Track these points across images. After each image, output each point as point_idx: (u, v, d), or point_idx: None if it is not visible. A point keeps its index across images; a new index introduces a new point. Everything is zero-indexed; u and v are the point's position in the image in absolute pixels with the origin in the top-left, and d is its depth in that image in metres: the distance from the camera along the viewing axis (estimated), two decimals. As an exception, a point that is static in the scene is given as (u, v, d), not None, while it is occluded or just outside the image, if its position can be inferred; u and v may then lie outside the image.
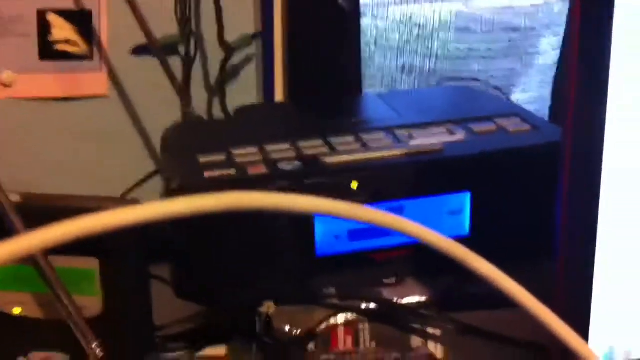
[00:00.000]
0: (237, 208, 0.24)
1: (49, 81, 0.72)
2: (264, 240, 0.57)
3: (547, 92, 0.90)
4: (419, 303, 0.58)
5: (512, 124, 0.64)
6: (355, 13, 0.80)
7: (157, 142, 0.77)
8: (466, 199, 0.59)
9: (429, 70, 0.85)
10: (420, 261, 0.60)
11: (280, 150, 0.59)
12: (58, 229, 0.22)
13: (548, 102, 0.90)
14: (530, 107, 0.81)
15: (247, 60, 0.80)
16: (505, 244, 0.56)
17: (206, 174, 0.56)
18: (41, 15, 0.70)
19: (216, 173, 0.56)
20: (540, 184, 0.60)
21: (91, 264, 0.53)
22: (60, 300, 0.50)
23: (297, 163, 0.58)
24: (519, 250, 0.57)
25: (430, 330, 0.57)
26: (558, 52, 0.89)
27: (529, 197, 0.60)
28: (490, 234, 0.59)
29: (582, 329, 0.47)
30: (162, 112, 0.77)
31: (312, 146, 0.60)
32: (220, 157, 0.59)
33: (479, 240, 0.60)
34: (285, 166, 0.58)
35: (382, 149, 0.60)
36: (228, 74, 0.78)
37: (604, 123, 0.43)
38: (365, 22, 0.81)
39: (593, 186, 0.44)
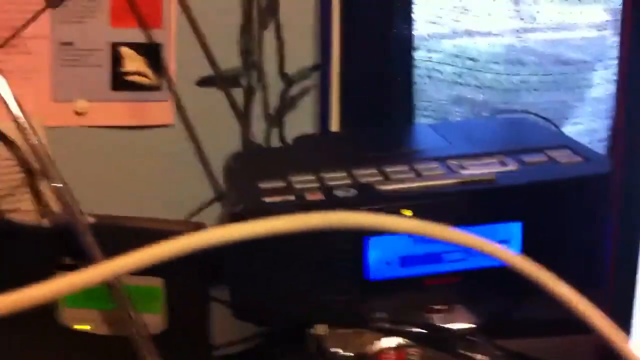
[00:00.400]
0: (340, 226, 0.27)
1: (120, 110, 0.76)
2: (318, 264, 0.59)
3: (598, 124, 0.90)
4: (467, 329, 0.59)
5: (563, 155, 0.65)
6: (408, 46, 0.82)
7: (218, 168, 0.80)
8: (517, 228, 0.61)
9: (480, 102, 0.86)
10: (470, 288, 0.61)
11: (336, 177, 0.62)
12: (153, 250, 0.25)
13: (599, 134, 0.91)
14: (581, 140, 0.82)
15: (305, 91, 0.83)
16: (554, 273, 0.57)
17: (267, 199, 0.59)
18: (114, 47, 0.75)
19: (277, 199, 0.59)
20: (590, 214, 0.61)
21: (156, 283, 0.56)
22: (129, 317, 0.54)
23: (352, 190, 0.60)
24: (567, 280, 0.58)
25: (478, 357, 0.58)
26: (610, 84, 0.90)
27: (579, 228, 0.61)
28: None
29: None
30: (223, 140, 0.80)
31: (367, 174, 0.62)
32: (280, 184, 0.62)
33: (528, 269, 0.61)
34: (341, 193, 0.60)
35: (435, 178, 0.62)
36: (286, 104, 0.81)
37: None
38: (420, 54, 0.83)
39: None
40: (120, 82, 0.76)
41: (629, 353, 0.29)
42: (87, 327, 0.58)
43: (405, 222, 0.27)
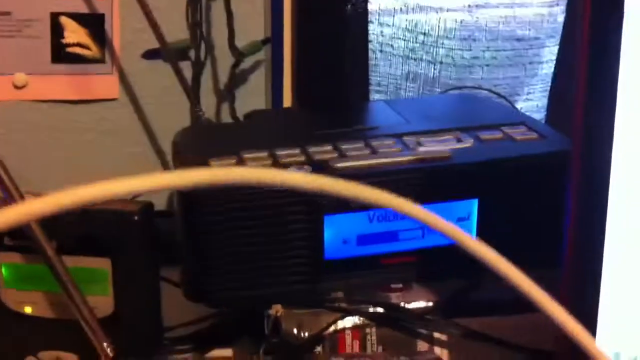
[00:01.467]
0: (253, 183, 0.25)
1: (61, 84, 0.73)
2: (272, 243, 0.58)
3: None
4: (425, 308, 0.59)
5: (519, 132, 0.64)
6: (362, 20, 0.81)
7: (165, 145, 0.77)
8: (474, 205, 0.60)
9: (433, 78, 0.85)
10: (427, 267, 0.61)
11: (290, 155, 0.60)
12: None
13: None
14: (533, 116, 0.82)
15: (256, 65, 0.81)
16: (511, 251, 0.57)
17: (218, 177, 0.57)
18: (54, 18, 0.71)
19: (227, 176, 0.57)
20: (547, 192, 0.61)
21: (103, 264, 0.53)
22: (73, 300, 0.51)
23: (307, 167, 0.59)
24: (525, 258, 0.58)
25: (436, 335, 0.58)
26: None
27: (536, 205, 0.60)
28: (497, 241, 0.59)
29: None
30: (171, 115, 0.78)
31: (321, 151, 0.61)
32: (230, 161, 0.59)
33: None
34: (295, 171, 0.58)
35: (391, 155, 0.60)
36: (237, 79, 0.79)
37: (612, 130, 0.44)
38: (371, 28, 0.82)
39: (601, 194, 0.45)
40: (61, 54, 0.72)
41: (583, 339, 0.28)
42: (29, 310, 0.55)
43: (348, 186, 0.25)
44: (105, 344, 0.51)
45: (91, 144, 0.76)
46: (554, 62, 0.90)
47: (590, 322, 0.47)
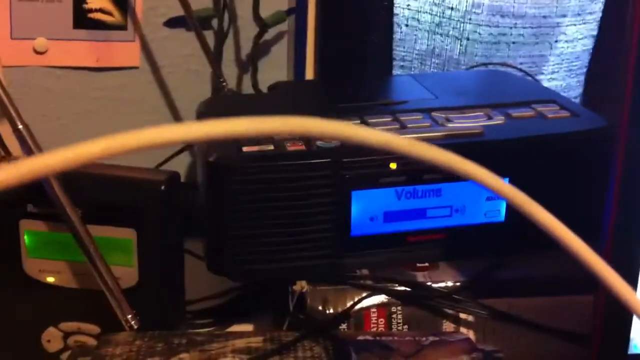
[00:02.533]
0: (303, 133, 0.24)
1: (82, 50, 0.71)
2: (298, 217, 0.56)
3: (574, 80, 0.89)
4: (451, 287, 0.58)
5: (550, 110, 0.63)
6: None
7: (187, 114, 0.76)
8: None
9: (459, 54, 0.84)
10: (455, 245, 0.59)
11: (317, 127, 0.59)
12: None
13: (575, 91, 0.89)
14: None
15: (279, 36, 0.79)
16: (540, 231, 0.56)
17: (245, 149, 0.56)
18: (77, -18, 0.69)
19: (254, 148, 0.56)
20: (579, 171, 0.60)
21: (128, 234, 0.52)
22: (98, 270, 0.50)
23: (335, 141, 0.57)
24: (554, 239, 0.57)
25: (462, 315, 0.57)
26: (588, 40, 0.88)
27: (568, 185, 0.59)
28: (526, 221, 0.58)
29: (625, 320, 0.47)
30: (192, 85, 0.76)
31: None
32: (258, 133, 0.58)
33: (514, 226, 0.59)
34: (323, 143, 0.57)
35: (420, 130, 0.59)
36: (260, 49, 0.77)
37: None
38: (398, 1, 0.80)
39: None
40: (83, 19, 0.70)
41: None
42: (51, 280, 0.54)
43: (379, 135, 0.24)
44: (129, 316, 0.51)
45: (111, 112, 0.74)
46: (579, 41, 0.88)
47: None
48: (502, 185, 0.25)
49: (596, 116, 0.62)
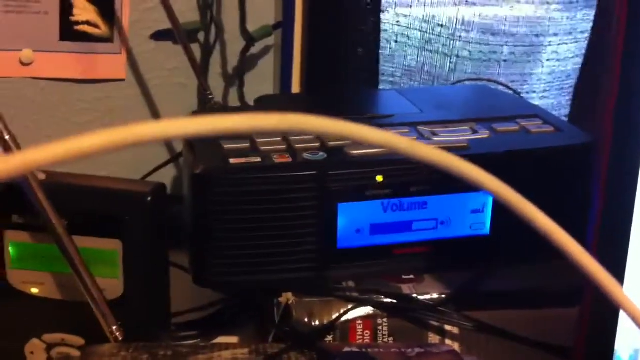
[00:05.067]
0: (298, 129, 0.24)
1: (68, 62, 0.71)
2: (284, 229, 0.56)
3: (565, 99, 0.90)
4: (437, 299, 0.58)
5: (534, 125, 0.64)
6: (376, 8, 0.80)
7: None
8: (489, 197, 0.59)
9: (448, 71, 0.84)
10: (440, 258, 0.60)
11: (304, 140, 0.59)
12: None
13: (565, 110, 0.90)
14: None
15: (265, 50, 0.80)
16: (524, 244, 0.56)
17: (232, 161, 0.56)
18: (64, -6, 0.69)
19: (241, 160, 0.56)
20: (563, 185, 0.60)
21: (114, 246, 0.52)
22: (83, 281, 0.50)
23: (321, 154, 0.58)
24: (538, 251, 0.57)
25: (447, 327, 0.57)
26: (580, 58, 0.89)
27: (551, 198, 0.59)
28: (511, 234, 0.59)
29: (609, 331, 0.47)
30: (178, 98, 0.76)
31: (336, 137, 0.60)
32: (244, 145, 0.58)
33: (499, 239, 0.60)
34: (309, 156, 0.57)
35: (407, 143, 0.59)
36: (246, 63, 0.78)
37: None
38: (388, 18, 0.81)
39: (629, 189, 0.44)
40: (69, 32, 0.70)
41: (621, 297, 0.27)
42: (35, 291, 0.54)
43: (371, 132, 0.24)
44: (114, 327, 0.50)
45: (97, 124, 0.74)
46: (571, 59, 0.89)
47: (611, 316, 0.46)
48: (499, 185, 0.25)
49: (579, 131, 0.63)
